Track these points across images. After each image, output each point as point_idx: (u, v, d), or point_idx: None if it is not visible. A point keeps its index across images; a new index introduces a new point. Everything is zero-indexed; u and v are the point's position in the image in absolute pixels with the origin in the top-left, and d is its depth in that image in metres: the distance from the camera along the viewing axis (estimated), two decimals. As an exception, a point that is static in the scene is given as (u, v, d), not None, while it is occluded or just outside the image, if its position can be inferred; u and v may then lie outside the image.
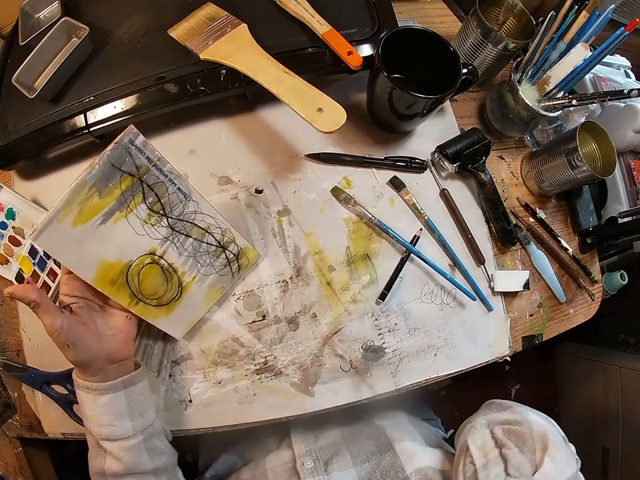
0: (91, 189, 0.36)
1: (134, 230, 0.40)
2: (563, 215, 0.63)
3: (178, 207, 0.41)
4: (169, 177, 0.40)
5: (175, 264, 0.44)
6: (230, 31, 0.48)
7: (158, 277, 0.43)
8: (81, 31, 0.50)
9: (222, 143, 0.55)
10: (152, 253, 0.42)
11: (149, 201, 0.40)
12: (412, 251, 0.52)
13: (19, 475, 0.59)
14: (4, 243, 0.55)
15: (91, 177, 0.35)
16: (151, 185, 0.39)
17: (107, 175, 0.36)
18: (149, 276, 0.42)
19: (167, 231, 0.42)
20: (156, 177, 0.39)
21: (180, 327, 0.48)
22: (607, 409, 1.04)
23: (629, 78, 0.79)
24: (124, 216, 0.39)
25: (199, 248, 0.44)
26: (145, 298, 0.43)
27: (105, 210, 0.37)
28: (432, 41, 0.50)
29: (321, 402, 0.51)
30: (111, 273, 0.40)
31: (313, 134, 0.53)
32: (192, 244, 0.44)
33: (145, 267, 0.42)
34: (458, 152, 0.54)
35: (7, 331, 0.56)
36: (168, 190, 0.40)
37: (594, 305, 0.62)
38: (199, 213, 0.43)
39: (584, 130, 0.54)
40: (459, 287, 0.53)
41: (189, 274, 0.45)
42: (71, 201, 0.35)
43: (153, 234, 0.41)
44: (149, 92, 0.48)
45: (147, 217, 0.40)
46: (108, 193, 0.37)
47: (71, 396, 0.52)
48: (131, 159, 0.37)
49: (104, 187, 0.36)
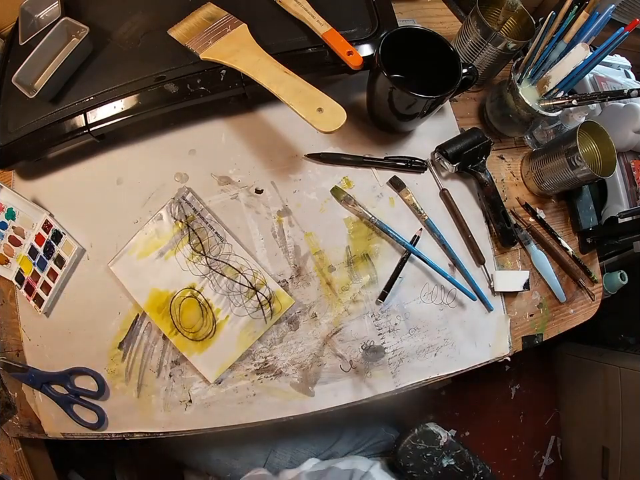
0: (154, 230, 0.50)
1: (180, 266, 0.49)
2: (563, 215, 0.63)
3: (215, 248, 0.50)
4: (209, 223, 0.50)
5: (211, 300, 0.49)
6: (230, 31, 0.48)
7: (195, 310, 0.49)
8: (81, 30, 0.50)
9: (222, 143, 0.55)
10: (192, 288, 0.49)
11: (193, 242, 0.50)
12: (412, 251, 0.52)
13: (19, 475, 0.59)
14: (4, 242, 0.55)
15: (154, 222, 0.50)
16: (195, 229, 0.50)
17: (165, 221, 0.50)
18: (188, 309, 0.49)
19: (205, 268, 0.50)
20: (199, 223, 0.50)
21: (213, 368, 0.49)
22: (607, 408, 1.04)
23: (629, 78, 0.79)
24: (174, 254, 0.49)
25: (232, 287, 0.49)
26: (183, 329, 0.49)
27: (161, 247, 0.50)
28: (432, 41, 0.50)
29: (321, 402, 0.51)
30: (159, 300, 0.49)
31: (313, 134, 0.54)
32: (226, 282, 0.50)
33: (185, 300, 0.49)
34: (458, 152, 0.54)
35: (7, 331, 0.56)
36: (208, 234, 0.50)
37: (594, 305, 0.62)
38: (233, 254, 0.50)
39: (584, 130, 0.54)
40: (459, 286, 0.53)
41: (223, 312, 0.49)
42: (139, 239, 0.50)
43: (194, 270, 0.49)
44: (148, 92, 0.48)
45: (191, 255, 0.50)
46: (164, 235, 0.50)
47: (71, 396, 0.52)
48: (182, 210, 0.50)
49: (162, 230, 0.50)
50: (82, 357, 0.52)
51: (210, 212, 0.51)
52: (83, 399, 0.52)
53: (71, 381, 0.52)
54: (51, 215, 0.54)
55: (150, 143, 0.55)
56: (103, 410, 0.51)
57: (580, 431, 1.16)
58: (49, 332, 0.54)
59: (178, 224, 0.50)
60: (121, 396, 0.52)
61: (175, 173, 0.54)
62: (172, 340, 0.49)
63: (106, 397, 0.52)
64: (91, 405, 0.52)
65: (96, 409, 0.51)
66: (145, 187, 0.54)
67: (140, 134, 0.55)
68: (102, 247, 0.53)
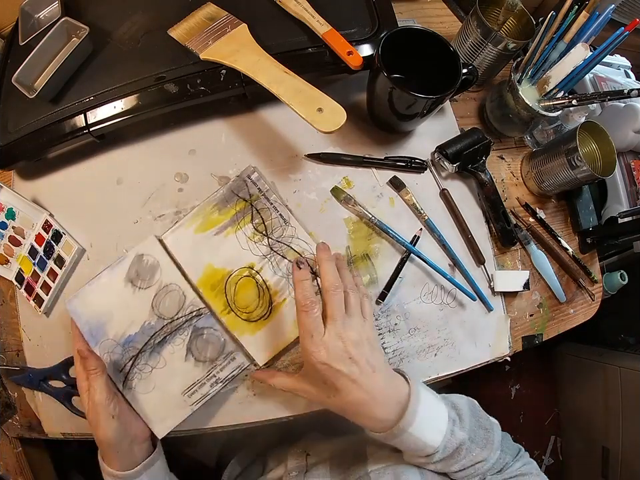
0: (214, 206, 0.49)
1: (239, 244, 0.48)
2: (563, 215, 0.63)
3: (278, 230, 0.49)
4: (273, 204, 0.50)
5: (269, 281, 0.48)
6: (230, 31, 0.48)
7: (252, 290, 0.48)
8: (81, 30, 0.50)
9: (222, 143, 0.55)
10: (251, 267, 0.48)
11: (255, 222, 0.49)
12: (412, 251, 0.52)
13: (19, 475, 0.59)
14: (4, 242, 0.55)
15: (215, 199, 0.49)
16: (259, 209, 0.49)
17: (227, 198, 0.49)
18: (244, 288, 0.48)
19: (267, 249, 0.48)
20: (263, 203, 0.49)
21: (264, 351, 0.48)
22: (607, 408, 1.04)
23: (629, 78, 0.79)
24: (234, 232, 0.48)
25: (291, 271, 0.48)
26: (236, 309, 0.47)
27: (221, 224, 0.48)
28: (432, 41, 0.50)
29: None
30: (213, 278, 0.48)
31: (313, 134, 0.54)
32: (287, 265, 0.48)
33: (242, 279, 0.48)
34: (458, 152, 0.54)
35: (7, 331, 0.56)
36: (272, 215, 0.49)
37: (594, 305, 0.62)
38: (296, 237, 0.49)
39: (584, 130, 0.54)
40: (459, 287, 0.53)
41: (280, 294, 0.48)
42: (198, 213, 0.49)
43: (255, 250, 0.48)
44: (148, 92, 0.48)
45: (252, 235, 0.49)
46: (226, 212, 0.49)
47: (69, 387, 0.51)
48: (247, 188, 0.49)
49: (223, 206, 0.49)
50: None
51: (275, 193, 0.50)
52: None
53: (66, 373, 0.52)
54: (51, 215, 0.54)
55: (150, 143, 0.55)
56: None
57: (580, 431, 1.16)
58: (49, 332, 0.54)
59: (241, 202, 0.49)
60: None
61: (175, 173, 0.54)
62: (223, 319, 0.47)
63: None
64: None
65: None
66: (145, 187, 0.54)
67: (140, 134, 0.55)
68: (102, 247, 0.53)
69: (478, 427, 0.40)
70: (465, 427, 0.39)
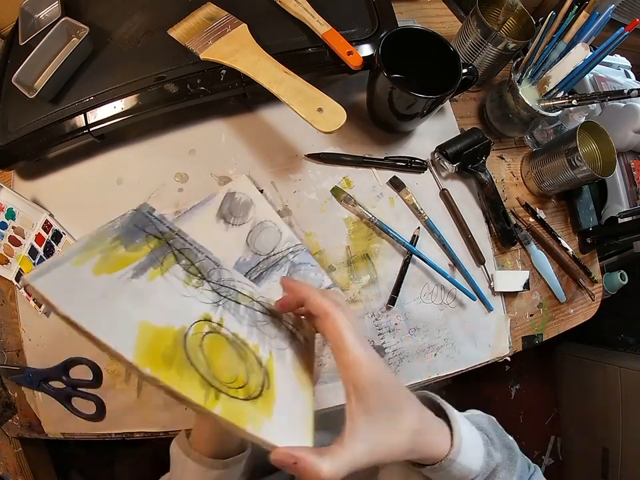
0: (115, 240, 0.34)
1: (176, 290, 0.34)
2: (563, 215, 0.63)
3: (214, 273, 0.38)
4: (194, 245, 0.39)
5: (240, 334, 0.34)
6: (230, 31, 0.48)
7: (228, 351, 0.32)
8: (81, 30, 0.50)
9: (222, 143, 0.55)
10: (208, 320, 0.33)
11: (182, 263, 0.37)
12: (412, 251, 0.52)
13: (19, 475, 0.59)
14: (4, 242, 0.55)
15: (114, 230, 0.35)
16: (180, 249, 0.38)
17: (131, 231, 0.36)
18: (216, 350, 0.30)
19: (214, 295, 0.36)
20: (181, 243, 0.39)
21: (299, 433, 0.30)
22: (606, 408, 1.04)
23: (629, 78, 0.79)
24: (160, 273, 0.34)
25: (255, 317, 0.37)
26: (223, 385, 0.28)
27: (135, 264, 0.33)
28: (432, 41, 0.50)
29: (321, 402, 0.50)
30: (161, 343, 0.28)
31: (313, 134, 0.54)
32: (246, 311, 0.37)
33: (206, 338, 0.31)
34: (458, 152, 0.54)
35: (7, 331, 0.56)
36: (198, 256, 0.39)
37: (594, 305, 0.62)
38: (237, 281, 0.39)
39: (584, 130, 0.54)
40: (459, 286, 0.53)
41: (262, 348, 0.34)
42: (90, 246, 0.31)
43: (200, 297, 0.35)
44: (148, 92, 0.48)
45: (187, 278, 0.36)
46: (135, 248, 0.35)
47: (69, 389, 0.51)
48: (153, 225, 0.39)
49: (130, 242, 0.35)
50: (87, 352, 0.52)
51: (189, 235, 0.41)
52: (80, 390, 0.52)
53: (66, 374, 0.52)
54: (51, 215, 0.54)
55: (150, 143, 0.55)
56: (101, 398, 0.51)
57: (580, 431, 1.16)
58: (49, 332, 0.54)
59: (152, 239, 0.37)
60: (121, 396, 0.51)
61: (175, 173, 0.54)
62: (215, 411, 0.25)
63: (103, 384, 0.52)
64: (88, 395, 0.51)
65: (94, 398, 0.51)
66: (145, 187, 0.54)
67: (140, 134, 0.55)
68: (102, 247, 0.53)
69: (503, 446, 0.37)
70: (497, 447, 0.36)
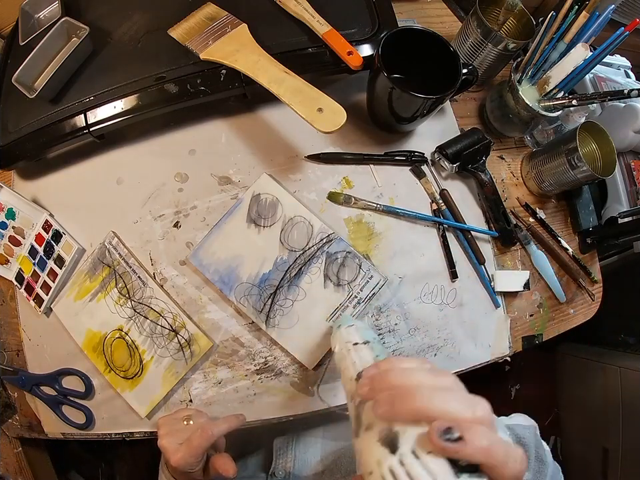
0: (86, 275, 0.53)
1: (109, 308, 0.52)
2: (562, 215, 0.63)
3: (138, 292, 0.51)
4: (132, 267, 0.52)
5: (137, 341, 0.51)
6: (230, 31, 0.48)
7: (124, 350, 0.51)
8: (81, 30, 0.50)
9: (222, 143, 0.55)
10: (120, 329, 0.51)
11: (119, 285, 0.52)
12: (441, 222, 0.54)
13: (19, 475, 0.59)
14: (4, 243, 0.55)
15: (86, 267, 0.53)
16: (121, 273, 0.52)
17: (95, 265, 0.53)
18: (118, 349, 0.51)
19: (131, 311, 0.51)
20: (124, 267, 0.52)
21: (143, 404, 0.50)
22: (606, 408, 1.04)
23: (629, 78, 0.79)
24: (103, 297, 0.52)
25: (154, 329, 0.51)
26: (115, 368, 0.51)
27: (92, 291, 0.52)
28: (432, 41, 0.50)
29: (320, 402, 0.50)
30: (93, 340, 0.52)
31: (313, 134, 0.54)
32: (149, 325, 0.51)
33: (115, 341, 0.51)
34: (458, 152, 0.54)
35: (7, 331, 0.56)
36: (132, 278, 0.52)
37: (594, 305, 0.62)
38: (154, 298, 0.51)
39: (584, 130, 0.54)
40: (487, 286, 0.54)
41: (148, 352, 0.51)
42: (74, 282, 0.53)
43: (121, 313, 0.51)
44: (148, 92, 0.48)
45: (118, 299, 0.52)
46: (95, 279, 0.52)
47: (60, 397, 0.52)
48: (109, 255, 0.52)
49: (92, 274, 0.53)
50: (82, 357, 0.52)
51: (133, 256, 0.52)
52: (70, 399, 0.52)
53: (59, 382, 0.53)
54: (51, 215, 0.54)
55: (150, 143, 0.55)
56: (91, 410, 0.52)
57: (580, 431, 1.16)
58: (49, 332, 0.54)
59: (106, 268, 0.52)
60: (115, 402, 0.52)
61: (175, 173, 0.54)
62: (106, 377, 0.51)
63: (93, 397, 0.53)
64: (78, 405, 0.52)
65: (83, 409, 0.52)
66: (145, 187, 0.54)
67: (140, 134, 0.55)
68: (102, 247, 0.53)
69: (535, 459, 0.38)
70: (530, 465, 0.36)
